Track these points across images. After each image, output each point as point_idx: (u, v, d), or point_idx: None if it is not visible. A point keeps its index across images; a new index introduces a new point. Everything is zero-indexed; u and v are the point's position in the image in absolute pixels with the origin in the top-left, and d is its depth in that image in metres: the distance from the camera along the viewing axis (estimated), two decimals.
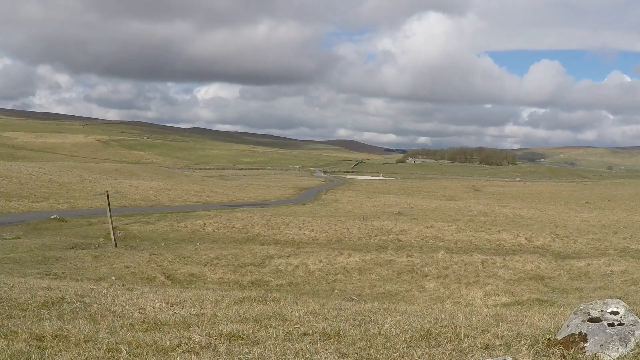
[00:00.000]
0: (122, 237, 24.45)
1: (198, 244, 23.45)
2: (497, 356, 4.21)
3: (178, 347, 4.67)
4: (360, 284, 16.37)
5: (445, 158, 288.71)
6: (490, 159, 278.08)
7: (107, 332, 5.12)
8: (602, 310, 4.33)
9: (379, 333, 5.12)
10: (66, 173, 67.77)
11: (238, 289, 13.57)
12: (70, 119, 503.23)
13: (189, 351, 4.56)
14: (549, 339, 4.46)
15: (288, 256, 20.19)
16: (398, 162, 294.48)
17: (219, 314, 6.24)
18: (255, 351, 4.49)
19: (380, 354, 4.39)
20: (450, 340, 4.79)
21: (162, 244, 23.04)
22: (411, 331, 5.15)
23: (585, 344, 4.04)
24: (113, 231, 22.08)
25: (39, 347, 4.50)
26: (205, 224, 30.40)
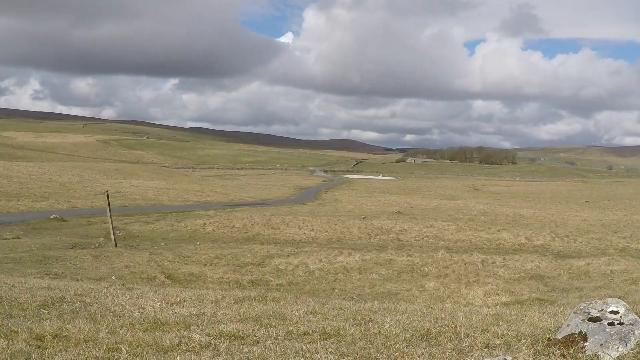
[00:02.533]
0: (122, 236, 24.45)
1: (198, 243, 23.44)
2: (497, 355, 4.21)
3: (178, 346, 4.67)
4: (360, 284, 16.37)
5: (445, 157, 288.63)
6: (490, 158, 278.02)
7: (107, 332, 5.12)
8: (602, 310, 4.33)
9: (379, 332, 5.12)
10: (66, 173, 67.75)
11: (238, 288, 13.57)
12: (71, 119, 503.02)
13: (189, 351, 4.56)
14: (549, 338, 4.45)
15: (288, 256, 20.19)
16: (398, 161, 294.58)
17: (219, 314, 6.24)
18: (255, 351, 4.49)
19: (380, 354, 4.39)
20: (450, 340, 4.79)
21: (162, 244, 23.03)
22: (411, 330, 5.15)
23: (585, 344, 4.04)
24: (113, 231, 22.07)
25: (39, 347, 4.50)
26: (205, 224, 30.40)
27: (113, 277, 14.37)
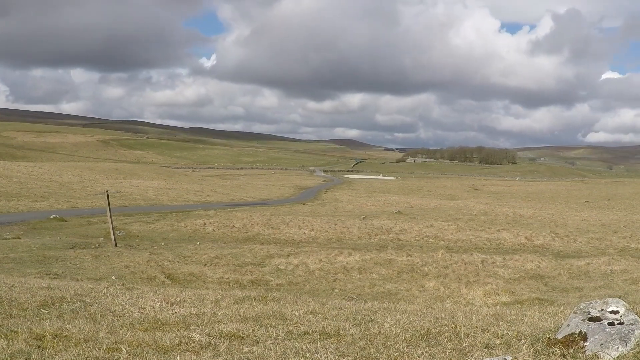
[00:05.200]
0: (122, 236, 24.44)
1: (198, 243, 23.44)
2: (497, 355, 4.21)
3: (178, 346, 4.67)
4: (360, 284, 16.38)
5: (445, 157, 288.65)
6: (490, 158, 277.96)
7: (107, 332, 5.12)
8: (602, 310, 4.33)
9: (379, 332, 5.12)
10: (66, 172, 67.74)
11: (238, 288, 13.57)
12: (71, 119, 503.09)
13: (189, 350, 4.57)
14: (549, 338, 4.45)
15: (288, 255, 20.19)
16: (398, 161, 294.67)
17: (219, 314, 6.24)
18: (255, 350, 4.49)
19: (380, 353, 4.39)
20: (450, 340, 4.79)
21: (162, 244, 23.03)
22: (411, 330, 5.15)
23: (585, 343, 4.04)
24: (113, 231, 22.07)
25: (39, 347, 4.50)
26: (205, 224, 30.40)
27: (113, 277, 14.37)
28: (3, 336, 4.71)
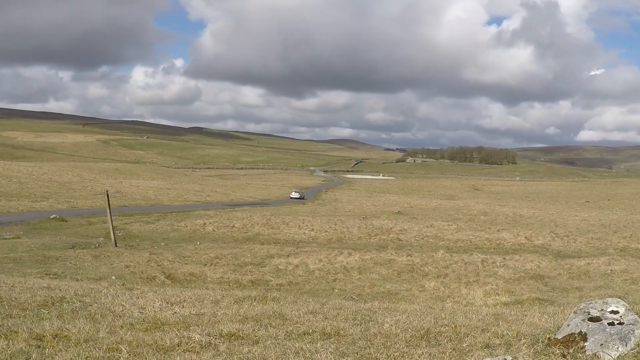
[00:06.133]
0: (122, 236, 24.44)
1: (198, 243, 23.44)
2: (497, 355, 4.21)
3: (178, 346, 4.67)
4: (360, 283, 16.37)
5: (445, 157, 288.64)
6: (490, 158, 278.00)
7: (107, 332, 5.12)
8: (602, 310, 4.33)
9: (379, 332, 5.12)
10: (66, 173, 67.74)
11: (238, 288, 13.57)
12: (71, 118, 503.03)
13: (189, 350, 4.56)
14: (549, 338, 4.45)
15: (288, 255, 20.18)
16: (398, 161, 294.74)
17: (219, 314, 6.23)
18: (255, 350, 4.49)
19: (380, 353, 4.39)
20: (450, 340, 4.79)
21: (162, 244, 23.03)
22: (411, 330, 5.15)
23: (585, 343, 4.03)
24: (113, 231, 22.07)
25: (39, 347, 4.50)
26: (205, 224, 30.40)
27: (113, 277, 14.37)
28: (3, 336, 4.71)
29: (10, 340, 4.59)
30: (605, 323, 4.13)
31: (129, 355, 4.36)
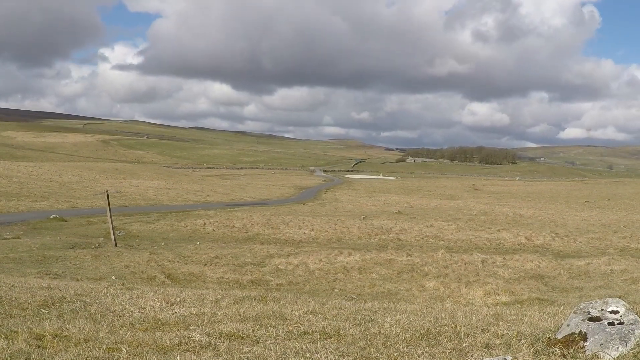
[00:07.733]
0: (122, 236, 24.45)
1: (198, 243, 23.44)
2: (497, 355, 4.21)
3: (178, 346, 4.67)
4: (360, 283, 16.38)
5: (445, 157, 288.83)
6: (490, 158, 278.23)
7: (107, 332, 5.12)
8: (602, 310, 4.33)
9: (379, 332, 5.12)
10: (66, 172, 67.75)
11: (238, 288, 13.57)
12: (70, 118, 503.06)
13: (189, 350, 4.56)
14: (549, 338, 4.45)
15: (288, 255, 20.19)
16: (398, 161, 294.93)
17: (219, 314, 6.24)
18: (255, 350, 4.49)
19: (380, 353, 4.39)
20: (450, 340, 4.79)
21: (162, 244, 23.03)
22: (411, 330, 5.15)
23: (585, 343, 4.04)
24: (113, 230, 22.07)
25: (39, 347, 4.50)
26: (205, 223, 30.40)
27: (113, 277, 14.37)
28: (3, 336, 4.71)
29: (10, 340, 4.59)
30: (605, 323, 4.13)
31: (129, 355, 4.36)
